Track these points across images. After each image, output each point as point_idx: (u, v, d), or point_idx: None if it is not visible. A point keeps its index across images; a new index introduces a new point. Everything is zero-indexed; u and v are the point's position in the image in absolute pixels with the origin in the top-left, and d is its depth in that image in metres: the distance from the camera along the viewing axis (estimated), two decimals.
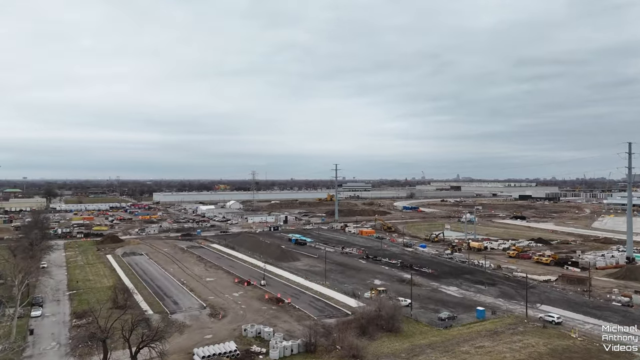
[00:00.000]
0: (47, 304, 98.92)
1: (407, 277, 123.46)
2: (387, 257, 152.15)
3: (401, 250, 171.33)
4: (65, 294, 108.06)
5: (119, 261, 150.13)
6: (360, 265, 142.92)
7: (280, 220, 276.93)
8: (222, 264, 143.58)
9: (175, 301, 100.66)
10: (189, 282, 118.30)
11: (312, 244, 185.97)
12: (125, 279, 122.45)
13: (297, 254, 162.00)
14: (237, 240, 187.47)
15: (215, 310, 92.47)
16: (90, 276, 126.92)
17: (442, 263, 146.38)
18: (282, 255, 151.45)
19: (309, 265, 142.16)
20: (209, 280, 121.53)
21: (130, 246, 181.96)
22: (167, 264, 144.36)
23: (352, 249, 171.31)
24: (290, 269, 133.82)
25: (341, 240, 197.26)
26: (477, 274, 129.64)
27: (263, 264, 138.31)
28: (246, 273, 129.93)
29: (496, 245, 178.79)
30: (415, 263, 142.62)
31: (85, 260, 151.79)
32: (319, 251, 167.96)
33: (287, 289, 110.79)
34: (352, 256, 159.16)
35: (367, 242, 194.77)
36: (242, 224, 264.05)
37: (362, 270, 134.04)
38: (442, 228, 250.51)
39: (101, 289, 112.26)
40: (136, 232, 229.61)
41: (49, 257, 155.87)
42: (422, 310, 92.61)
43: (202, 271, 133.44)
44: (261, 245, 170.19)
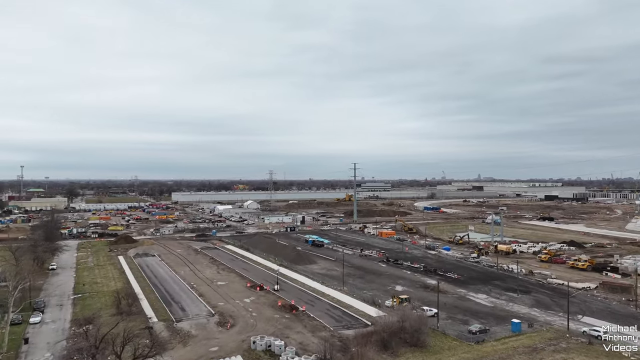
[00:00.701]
0: (49, 308, 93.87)
1: (431, 282, 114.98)
2: (409, 261, 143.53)
3: (424, 253, 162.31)
4: (70, 297, 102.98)
5: (129, 263, 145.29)
6: (380, 269, 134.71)
7: (298, 220, 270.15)
8: (235, 267, 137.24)
9: (182, 307, 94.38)
10: (199, 286, 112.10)
11: (329, 246, 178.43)
12: (133, 282, 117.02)
13: (314, 256, 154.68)
14: (252, 242, 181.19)
15: (224, 319, 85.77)
16: (99, 279, 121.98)
17: (468, 267, 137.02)
18: (298, 258, 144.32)
19: (325, 269, 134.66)
20: (220, 284, 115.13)
21: (144, 247, 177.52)
22: (179, 266, 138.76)
23: (372, 251, 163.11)
24: (306, 273, 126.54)
25: (360, 242, 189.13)
26: (508, 279, 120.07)
27: (277, 267, 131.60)
28: (259, 277, 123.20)
29: (525, 248, 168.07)
30: (439, 267, 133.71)
31: (96, 262, 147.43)
32: (336, 253, 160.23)
33: (302, 295, 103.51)
34: (371, 259, 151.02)
35: (387, 244, 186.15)
36: (258, 225, 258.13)
37: (382, 275, 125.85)
38: (465, 229, 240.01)
39: (108, 292, 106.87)
40: (151, 232, 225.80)
41: (58, 258, 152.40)
42: (450, 322, 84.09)
43: (214, 274, 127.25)
44: (276, 246, 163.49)
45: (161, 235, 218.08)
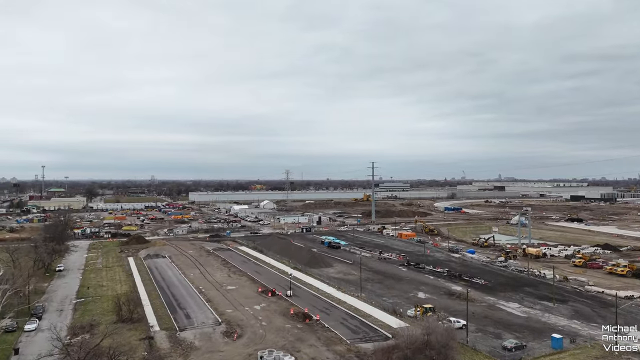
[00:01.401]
0: (48, 314, 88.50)
1: (457, 289, 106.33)
2: (431, 265, 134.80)
3: (447, 257, 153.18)
4: (72, 302, 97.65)
5: (139, 264, 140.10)
6: (400, 273, 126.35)
7: (314, 221, 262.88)
8: (247, 269, 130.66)
9: (188, 314, 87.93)
10: (207, 291, 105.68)
11: (346, 248, 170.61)
12: (140, 286, 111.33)
13: (330, 258, 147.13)
14: (266, 243, 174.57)
15: (231, 328, 78.94)
16: (105, 281, 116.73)
17: (495, 272, 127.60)
18: (313, 260, 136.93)
19: (342, 273, 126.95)
20: (229, 288, 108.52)
21: (155, 248, 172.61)
22: (189, 269, 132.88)
23: (391, 254, 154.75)
24: (321, 277, 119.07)
25: (378, 244, 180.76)
26: (540, 286, 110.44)
27: (291, 271, 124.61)
28: (272, 280, 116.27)
29: (556, 251, 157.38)
30: (464, 272, 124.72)
31: (105, 263, 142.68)
32: (353, 256, 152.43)
33: (316, 302, 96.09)
34: (391, 262, 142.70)
35: (408, 246, 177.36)
36: (273, 225, 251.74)
37: (403, 280, 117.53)
38: (489, 231, 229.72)
39: (112, 297, 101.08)
40: (165, 232, 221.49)
41: (67, 259, 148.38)
42: (480, 335, 75.57)
43: (225, 277, 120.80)
44: (291, 248, 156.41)
45: (174, 235, 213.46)
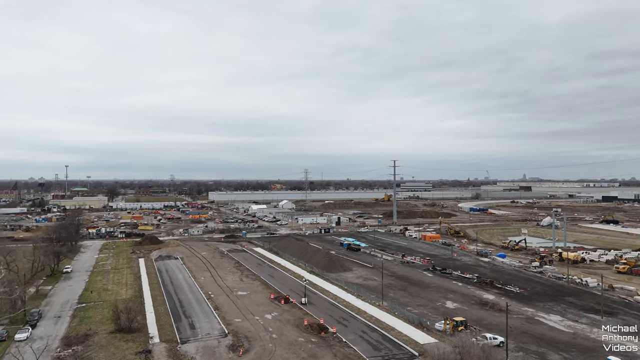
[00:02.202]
0: (45, 321, 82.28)
1: (489, 298, 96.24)
2: (459, 270, 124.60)
3: (475, 261, 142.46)
4: (73, 307, 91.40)
5: (149, 266, 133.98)
6: (425, 279, 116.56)
7: (333, 221, 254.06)
8: (260, 273, 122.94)
9: (192, 324, 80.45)
10: (216, 297, 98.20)
11: (366, 250, 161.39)
12: (146, 290, 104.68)
13: (349, 262, 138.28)
14: (282, 244, 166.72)
15: (237, 341, 71.01)
16: (110, 285, 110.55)
17: (530, 279, 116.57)
18: (331, 264, 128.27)
19: (362, 278, 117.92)
20: (240, 294, 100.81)
21: (168, 249, 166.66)
22: (200, 271, 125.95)
23: (415, 257, 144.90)
24: (339, 282, 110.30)
25: (401, 247, 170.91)
26: (583, 296, 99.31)
27: (306, 275, 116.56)
28: (286, 286, 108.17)
29: (596, 256, 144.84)
30: (495, 278, 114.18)
31: (114, 265, 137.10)
32: (374, 259, 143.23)
33: (333, 311, 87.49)
34: (414, 267, 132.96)
35: (432, 249, 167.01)
36: (291, 225, 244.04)
37: (428, 287, 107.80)
38: (518, 233, 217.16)
39: (117, 301, 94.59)
40: (180, 232, 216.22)
41: (77, 260, 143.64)
42: (522, 355, 65.68)
43: (236, 282, 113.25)
44: (308, 250, 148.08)
45: (189, 235, 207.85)
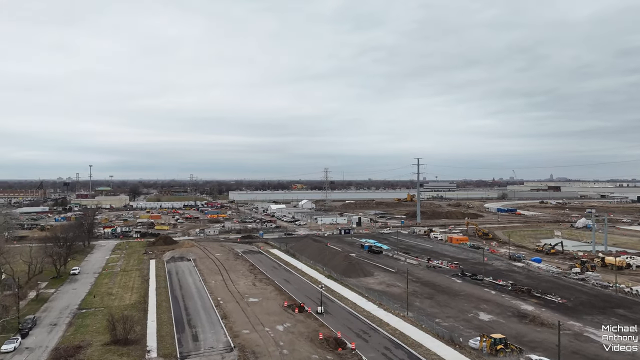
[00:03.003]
0: (39, 329, 75.95)
1: (528, 309, 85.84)
2: (491, 276, 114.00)
3: (508, 266, 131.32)
4: (71, 314, 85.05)
5: (159, 268, 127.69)
6: (454, 286, 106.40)
7: (353, 222, 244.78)
8: (275, 277, 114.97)
9: (196, 335, 72.82)
10: (225, 304, 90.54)
11: (389, 253, 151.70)
12: (151, 295, 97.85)
13: (370, 266, 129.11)
14: (299, 245, 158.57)
15: (243, 356, 62.92)
16: (116, 288, 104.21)
17: (572, 287, 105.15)
18: (350, 268, 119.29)
19: (384, 284, 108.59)
20: (251, 301, 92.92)
21: (182, 249, 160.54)
22: (212, 274, 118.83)
23: (442, 261, 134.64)
24: (359, 289, 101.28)
25: (426, 249, 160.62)
26: (636, 307, 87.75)
27: (324, 280, 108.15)
28: (301, 292, 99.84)
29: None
30: (533, 286, 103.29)
31: (124, 266, 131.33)
32: (397, 263, 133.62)
33: (351, 322, 78.66)
34: (441, 272, 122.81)
35: (460, 252, 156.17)
36: (310, 226, 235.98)
37: (458, 295, 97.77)
38: (551, 235, 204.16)
39: (118, 307, 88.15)
40: (196, 232, 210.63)
41: (87, 261, 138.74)
42: None
43: (248, 287, 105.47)
44: (326, 252, 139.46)
45: (205, 236, 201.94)
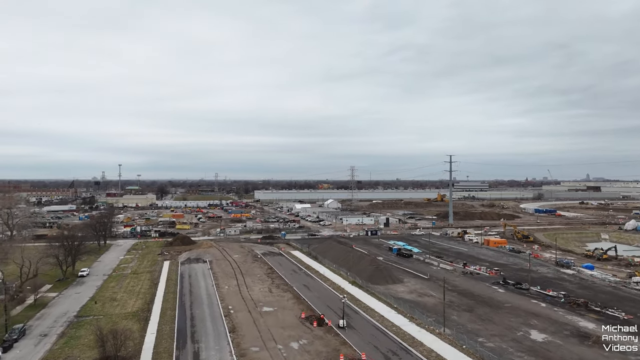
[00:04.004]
0: (26, 340, 67.96)
1: (588, 326, 72.66)
2: (538, 285, 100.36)
3: (555, 273, 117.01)
4: (68, 322, 77.02)
5: (172, 271, 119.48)
6: (496, 296, 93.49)
7: (381, 222, 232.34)
8: (294, 282, 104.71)
9: (198, 352, 63.14)
10: (236, 313, 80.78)
11: (419, 257, 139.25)
12: (157, 302, 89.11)
13: (399, 271, 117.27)
14: (322, 248, 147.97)
15: None
16: (121, 293, 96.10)
17: (635, 300, 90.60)
18: (377, 274, 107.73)
19: (416, 292, 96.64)
20: (266, 310, 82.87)
21: (199, 250, 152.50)
22: (226, 278, 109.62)
23: (479, 267, 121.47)
24: (387, 299, 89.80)
25: (460, 253, 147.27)
26: None
27: (349, 286, 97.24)
28: (322, 300, 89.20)
29: None
30: (589, 298, 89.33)
31: (136, 268, 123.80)
32: (430, 268, 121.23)
33: (378, 340, 67.41)
34: (480, 279, 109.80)
35: (499, 256, 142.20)
36: (335, 226, 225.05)
37: (502, 308, 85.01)
38: (597, 238, 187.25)
39: (119, 316, 79.81)
40: (217, 232, 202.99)
41: (99, 262, 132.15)
42: None
43: (264, 293, 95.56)
44: (351, 255, 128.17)
45: (225, 235, 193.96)
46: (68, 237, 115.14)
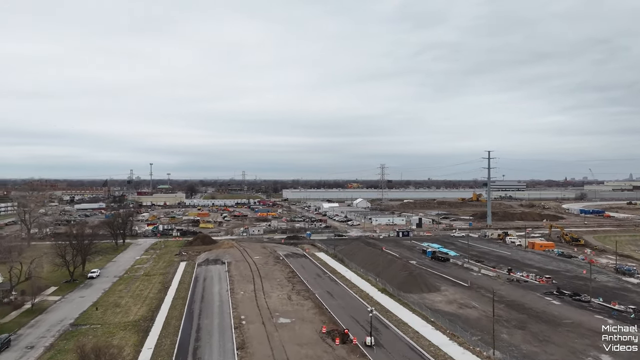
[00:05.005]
0: (9, 353, 60.07)
1: None
2: (600, 296, 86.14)
3: (617, 282, 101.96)
4: (61, 331, 68.93)
5: (186, 273, 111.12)
6: (552, 310, 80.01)
7: (413, 223, 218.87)
8: (316, 288, 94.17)
9: None
10: (248, 325, 70.81)
11: (457, 261, 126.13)
12: (163, 309, 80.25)
13: (435, 277, 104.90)
14: (349, 249, 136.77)
15: None
16: (126, 299, 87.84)
17: None
18: (410, 280, 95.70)
19: (456, 303, 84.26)
20: (282, 322, 72.57)
21: (219, 250, 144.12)
22: (243, 283, 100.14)
23: (527, 274, 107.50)
24: (423, 310, 77.94)
25: (503, 257, 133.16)
26: None
27: (378, 294, 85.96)
28: (347, 311, 78.25)
29: None
30: None
31: (149, 269, 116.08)
32: (469, 274, 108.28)
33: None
34: (529, 288, 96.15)
35: (546, 261, 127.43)
36: (364, 226, 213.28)
37: (561, 325, 71.72)
38: None
39: (117, 325, 71.25)
40: (240, 231, 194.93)
41: (114, 262, 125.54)
42: None
43: (282, 301, 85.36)
44: (381, 259, 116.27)
45: (249, 235, 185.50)
46: (77, 236, 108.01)
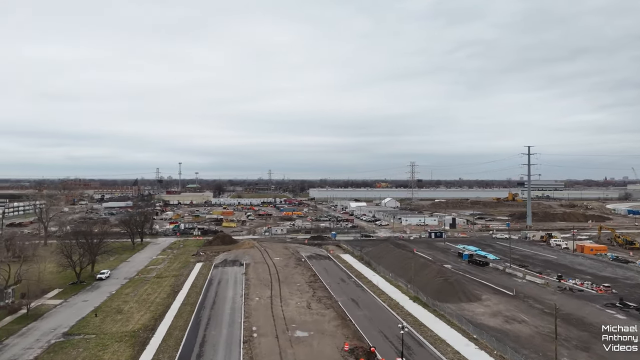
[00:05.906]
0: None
1: None
2: None
3: None
4: (51, 342, 61.55)
5: (201, 275, 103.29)
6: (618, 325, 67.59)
7: (446, 223, 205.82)
8: (340, 295, 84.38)
9: None
10: (260, 338, 61.70)
11: (497, 265, 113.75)
12: (168, 317, 72.10)
13: (474, 284, 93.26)
14: (377, 251, 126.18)
15: None
16: (130, 304, 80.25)
17: None
18: (447, 288, 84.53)
19: (501, 316, 72.71)
20: (298, 335, 63.10)
21: (238, 251, 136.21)
22: (259, 287, 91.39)
23: (580, 281, 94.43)
24: (463, 325, 66.92)
25: (549, 261, 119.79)
26: None
27: (410, 303, 75.49)
28: (374, 323, 68.09)
29: None
30: None
31: (162, 271, 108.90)
32: (513, 281, 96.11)
33: None
34: (585, 298, 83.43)
35: (600, 267, 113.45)
36: (393, 227, 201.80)
37: (628, 344, 59.54)
38: None
39: (114, 336, 63.45)
40: (263, 231, 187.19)
41: (128, 262, 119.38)
42: None
43: (301, 310, 75.89)
44: (412, 262, 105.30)
45: (271, 235, 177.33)
46: (84, 234, 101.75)
